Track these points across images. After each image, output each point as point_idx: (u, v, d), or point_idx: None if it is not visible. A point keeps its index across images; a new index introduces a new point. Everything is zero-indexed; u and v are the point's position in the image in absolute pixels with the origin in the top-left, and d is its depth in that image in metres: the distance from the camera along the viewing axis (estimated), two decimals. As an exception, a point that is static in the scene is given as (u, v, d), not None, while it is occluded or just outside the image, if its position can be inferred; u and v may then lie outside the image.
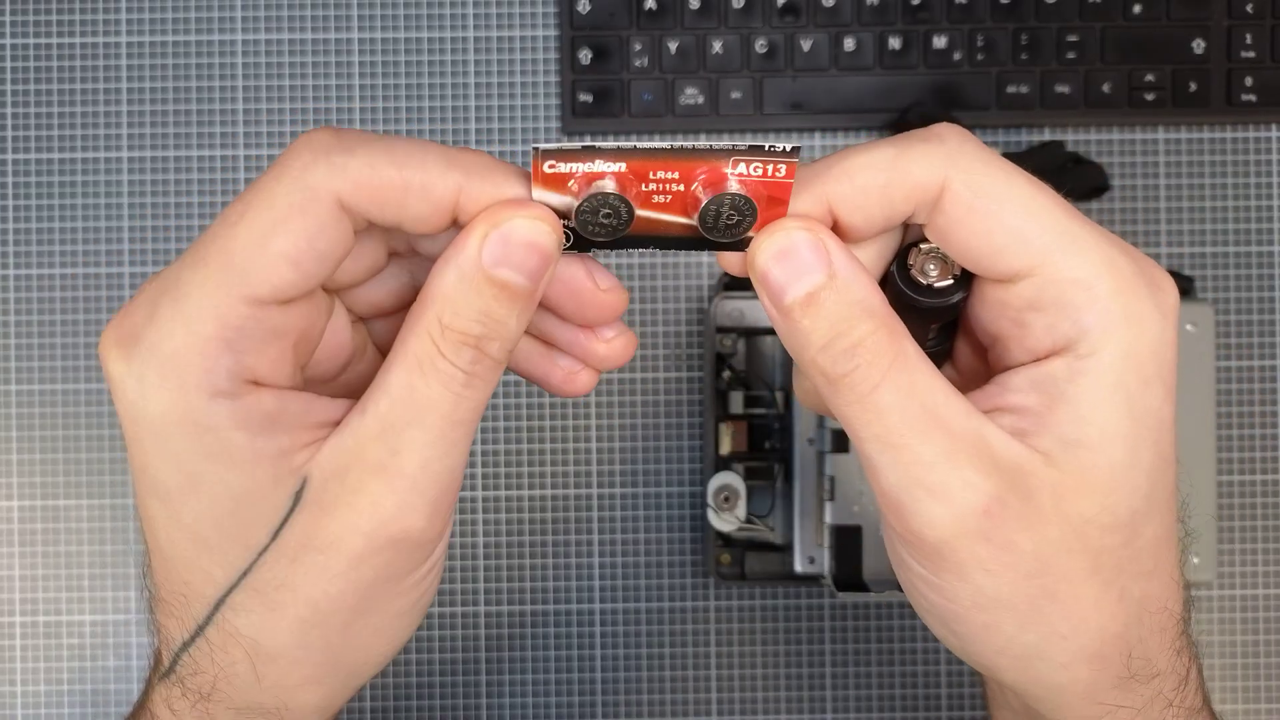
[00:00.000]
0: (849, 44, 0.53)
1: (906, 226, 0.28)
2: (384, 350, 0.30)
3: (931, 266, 0.27)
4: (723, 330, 0.50)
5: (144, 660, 0.53)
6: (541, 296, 0.26)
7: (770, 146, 0.25)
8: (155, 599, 0.28)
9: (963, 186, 0.25)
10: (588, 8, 0.53)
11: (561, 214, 0.25)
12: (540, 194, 0.25)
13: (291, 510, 0.25)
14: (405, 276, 0.29)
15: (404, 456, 0.25)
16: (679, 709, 0.53)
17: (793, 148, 0.24)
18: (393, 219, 0.25)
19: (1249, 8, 0.53)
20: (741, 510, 0.49)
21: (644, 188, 0.25)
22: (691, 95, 0.53)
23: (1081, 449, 0.25)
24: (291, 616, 0.26)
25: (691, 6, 0.53)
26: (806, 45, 0.53)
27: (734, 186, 0.25)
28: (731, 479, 0.49)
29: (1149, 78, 0.53)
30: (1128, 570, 0.27)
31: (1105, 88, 0.53)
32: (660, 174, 0.25)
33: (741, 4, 0.53)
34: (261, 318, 0.24)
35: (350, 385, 0.29)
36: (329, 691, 0.28)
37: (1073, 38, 0.53)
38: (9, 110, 0.53)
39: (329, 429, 0.26)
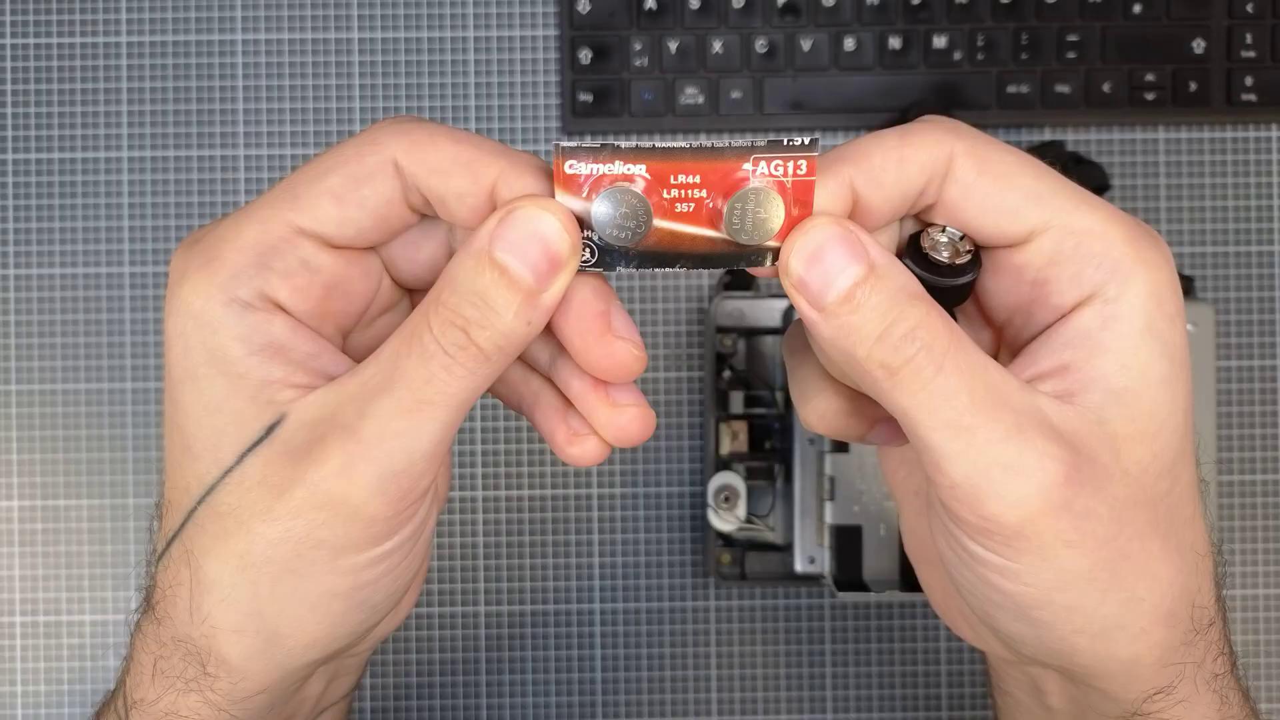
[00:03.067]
0: (849, 44, 0.53)
1: (900, 223, 0.28)
2: None
3: (943, 248, 0.27)
4: (723, 330, 0.50)
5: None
6: (552, 314, 0.26)
7: (789, 141, 0.25)
8: (157, 514, 0.28)
9: (969, 156, 0.26)
10: (588, 7, 0.53)
11: (587, 223, 0.25)
12: (562, 197, 0.25)
13: (260, 440, 0.25)
14: (443, 236, 0.30)
15: (367, 421, 0.25)
16: (679, 709, 0.53)
17: (811, 140, 0.25)
18: (438, 189, 0.26)
19: (1249, 7, 0.53)
20: (742, 510, 0.49)
21: (666, 195, 0.25)
22: (692, 95, 0.53)
23: (1128, 395, 0.26)
24: (232, 550, 0.26)
25: (691, 6, 0.53)
26: (807, 45, 0.53)
27: (757, 183, 0.25)
28: (732, 479, 0.49)
29: (1149, 77, 0.53)
30: (1177, 517, 0.27)
31: (1105, 87, 0.53)
32: (681, 178, 0.25)
33: (742, 4, 0.53)
34: (299, 245, 0.26)
35: (370, 346, 0.30)
36: (251, 650, 0.27)
37: (1073, 37, 0.53)
38: (9, 110, 0.53)
39: (324, 380, 0.26)
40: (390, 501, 0.26)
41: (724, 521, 0.49)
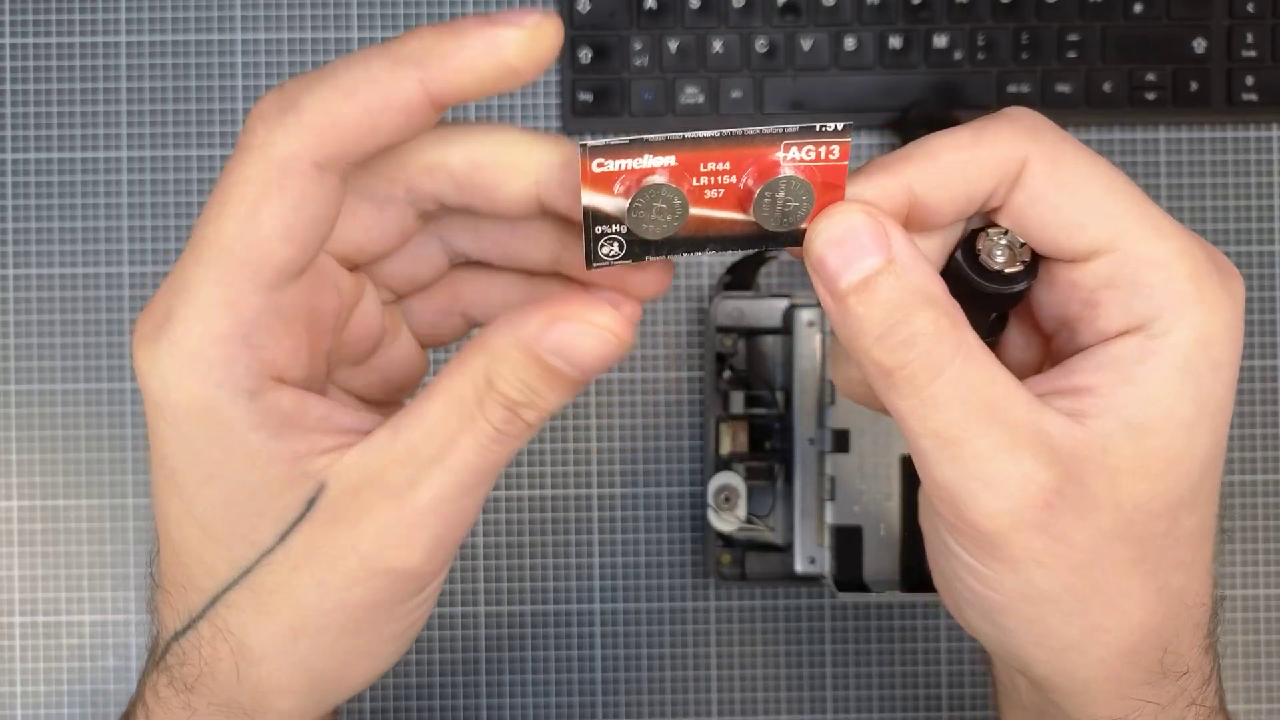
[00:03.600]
0: (849, 43, 0.53)
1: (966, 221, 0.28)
2: (419, 335, 0.30)
3: (999, 252, 0.26)
4: (723, 330, 0.50)
5: (144, 660, 0.53)
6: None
7: (821, 127, 0.24)
8: (157, 587, 0.28)
9: (1043, 161, 0.25)
10: (588, 7, 0.53)
11: (613, 217, 0.25)
12: (590, 196, 0.24)
13: (302, 516, 0.25)
14: (436, 244, 0.29)
15: (420, 491, 0.25)
16: (679, 709, 0.53)
17: (844, 126, 0.24)
18: (372, 148, 0.24)
19: (1250, 7, 0.53)
20: (742, 510, 0.49)
21: (695, 182, 0.24)
22: (692, 94, 0.53)
23: (1142, 431, 0.25)
24: (281, 623, 0.26)
25: (692, 6, 0.53)
26: (807, 44, 0.53)
27: (787, 172, 0.24)
28: (732, 479, 0.49)
29: (1150, 77, 0.53)
30: (1167, 560, 0.26)
31: (1106, 87, 0.53)
32: (711, 165, 0.24)
33: (742, 3, 0.53)
34: (271, 303, 0.24)
35: (382, 370, 0.29)
36: (306, 704, 0.27)
37: (1073, 37, 0.53)
38: (8, 110, 0.53)
39: (350, 437, 0.26)
40: (442, 558, 0.26)
41: (724, 522, 0.49)
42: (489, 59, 0.23)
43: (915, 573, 0.48)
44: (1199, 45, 0.53)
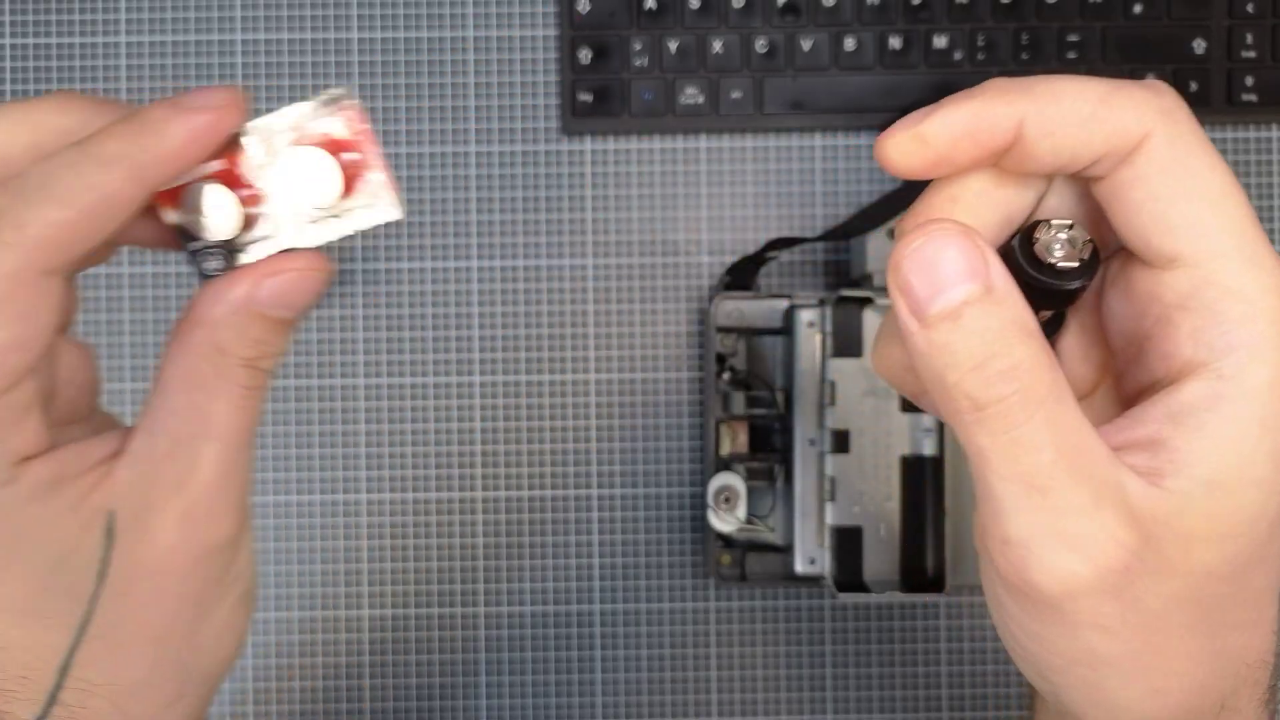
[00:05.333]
0: (849, 43, 0.53)
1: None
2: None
3: (1058, 246, 0.24)
4: (723, 330, 0.50)
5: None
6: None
7: (317, 106, 0.25)
8: None
9: (1165, 144, 0.23)
10: (588, 7, 0.53)
11: (189, 231, 0.26)
12: (168, 216, 0.26)
13: (109, 548, 0.26)
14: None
15: (201, 470, 0.26)
16: (679, 710, 0.53)
17: (339, 93, 0.24)
18: (95, 243, 0.25)
19: (1249, 7, 0.53)
20: (742, 511, 0.49)
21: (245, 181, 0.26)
22: (692, 95, 0.53)
23: (1218, 491, 0.23)
24: (139, 649, 0.26)
25: (692, 6, 0.53)
26: (807, 45, 0.53)
27: (197, 184, 0.25)
28: (732, 479, 0.49)
29: (1149, 77, 0.53)
30: (1229, 620, 0.25)
31: (1106, 87, 0.53)
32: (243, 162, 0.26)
33: (742, 3, 0.53)
34: (8, 403, 0.25)
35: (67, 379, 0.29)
36: (192, 702, 0.28)
37: (1073, 37, 0.53)
38: (8, 110, 0.53)
39: (109, 462, 0.26)
40: (246, 514, 0.28)
41: (724, 522, 0.49)
42: (189, 147, 0.25)
43: (915, 573, 0.48)
44: (1199, 45, 0.53)
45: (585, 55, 0.53)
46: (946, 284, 0.23)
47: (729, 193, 0.54)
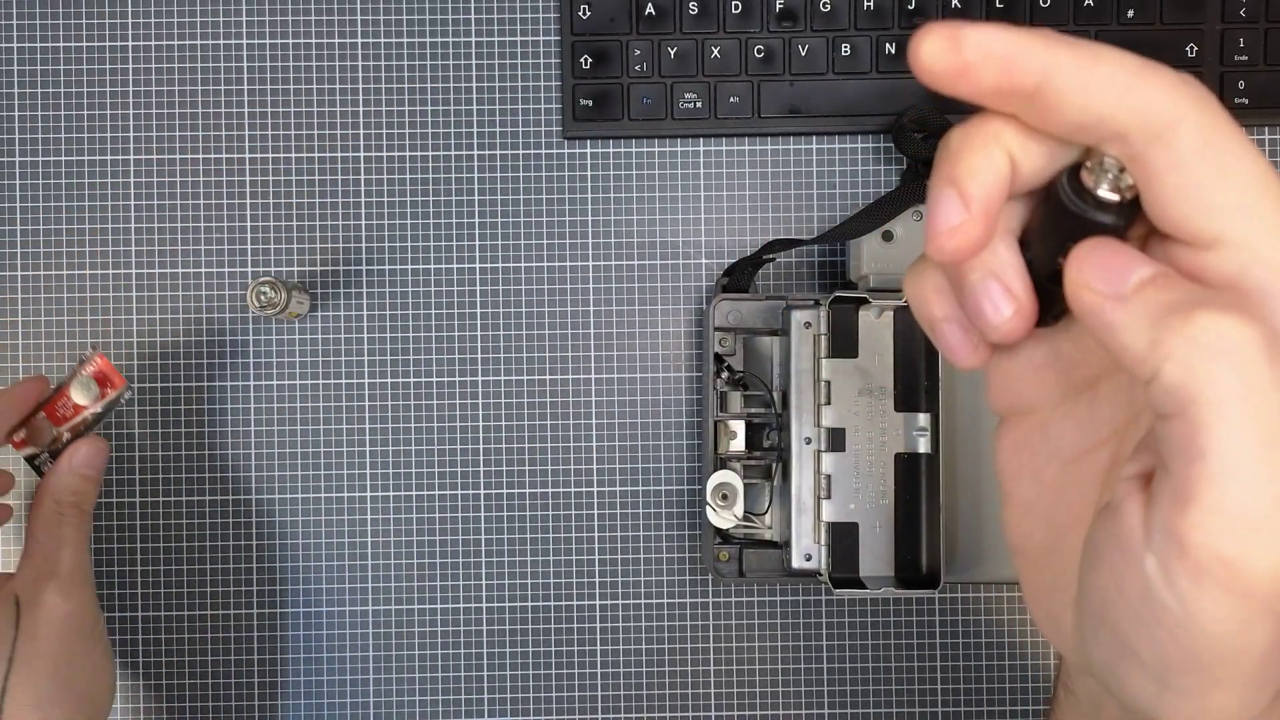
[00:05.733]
0: (846, 49, 0.54)
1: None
2: None
3: (1106, 180, 0.24)
4: (721, 330, 0.51)
5: (145, 657, 0.53)
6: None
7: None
8: None
9: (1200, 132, 0.23)
10: (588, 13, 0.53)
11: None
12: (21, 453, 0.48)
13: (19, 615, 0.44)
14: None
15: (64, 563, 0.46)
16: (678, 704, 0.54)
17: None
18: None
19: (1242, 11, 0.54)
20: (739, 508, 0.50)
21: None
22: (690, 99, 0.54)
23: None
24: (45, 676, 0.44)
25: (690, 11, 0.53)
26: (804, 50, 0.54)
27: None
28: (729, 477, 0.50)
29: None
30: None
31: (1099, 91, 0.53)
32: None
33: (739, 9, 0.53)
34: None
35: None
36: (89, 716, 0.46)
37: (1067, 42, 0.53)
38: (15, 114, 0.54)
39: (11, 575, 0.46)
40: (91, 586, 0.48)
41: (722, 519, 0.50)
42: None
43: (910, 569, 0.49)
44: (1191, 50, 0.54)
45: (585, 60, 0.54)
46: (1125, 273, 0.23)
47: (727, 196, 0.55)
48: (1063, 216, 0.24)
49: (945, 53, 0.23)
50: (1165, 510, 0.22)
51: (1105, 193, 0.24)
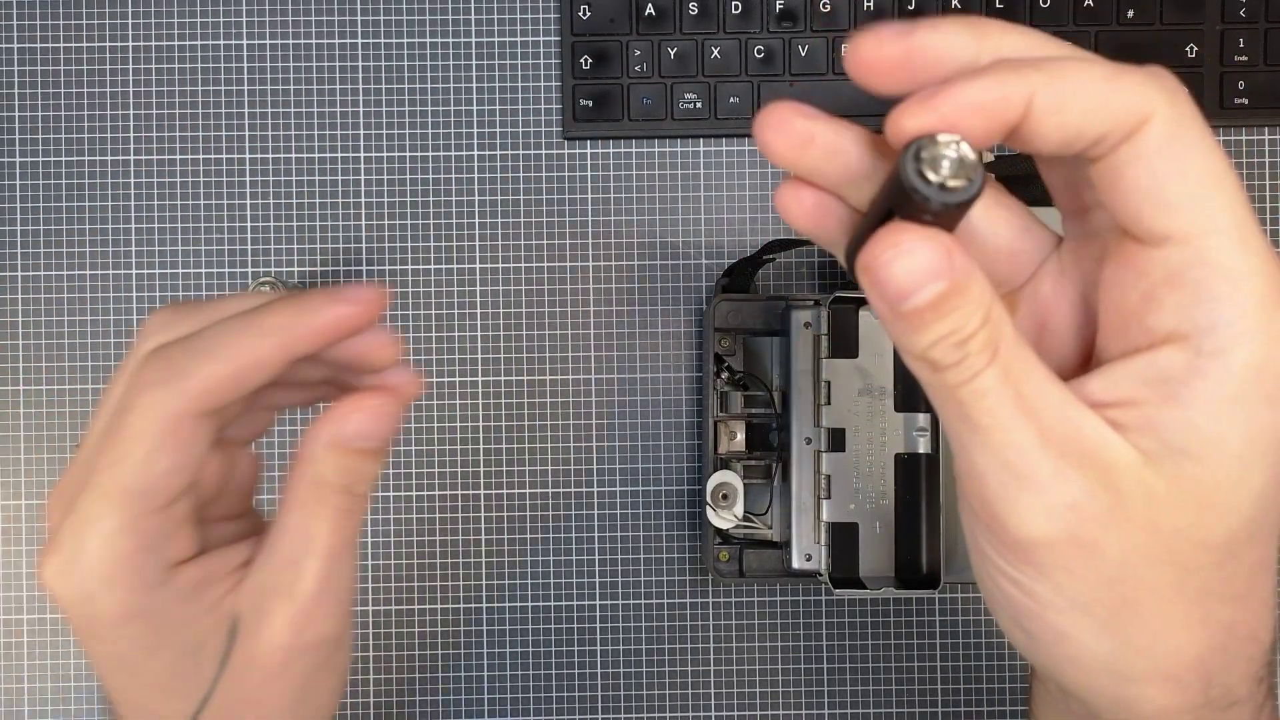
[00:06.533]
0: (846, 49, 0.53)
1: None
2: (238, 436, 0.35)
3: (946, 163, 0.23)
4: (721, 331, 0.51)
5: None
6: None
7: None
8: None
9: (1166, 124, 0.23)
10: (588, 13, 0.53)
11: None
12: None
13: (231, 642, 0.31)
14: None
15: (304, 582, 0.31)
16: (678, 704, 0.54)
17: None
18: (243, 393, 0.29)
19: (1242, 12, 0.54)
20: (739, 508, 0.50)
21: None
22: (690, 100, 0.54)
23: (1185, 459, 0.24)
24: (247, 715, 0.32)
25: (690, 12, 0.53)
26: (804, 50, 0.54)
27: None
28: (729, 477, 0.50)
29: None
30: (1216, 593, 0.25)
31: (1099, 92, 0.53)
32: None
33: (739, 10, 0.53)
34: (166, 517, 0.29)
35: (233, 491, 0.34)
36: None
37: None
38: (16, 114, 0.54)
39: (242, 570, 0.32)
40: (345, 615, 0.32)
41: (722, 519, 0.50)
42: (332, 329, 0.29)
43: (910, 569, 0.48)
44: (1191, 50, 0.54)
45: (586, 61, 0.54)
46: (916, 285, 0.23)
47: (727, 196, 0.55)
48: (905, 199, 0.24)
49: (923, 114, 0.24)
50: (958, 481, 0.26)
51: (951, 179, 0.23)
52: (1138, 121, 0.23)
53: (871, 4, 0.53)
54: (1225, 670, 0.26)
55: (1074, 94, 0.23)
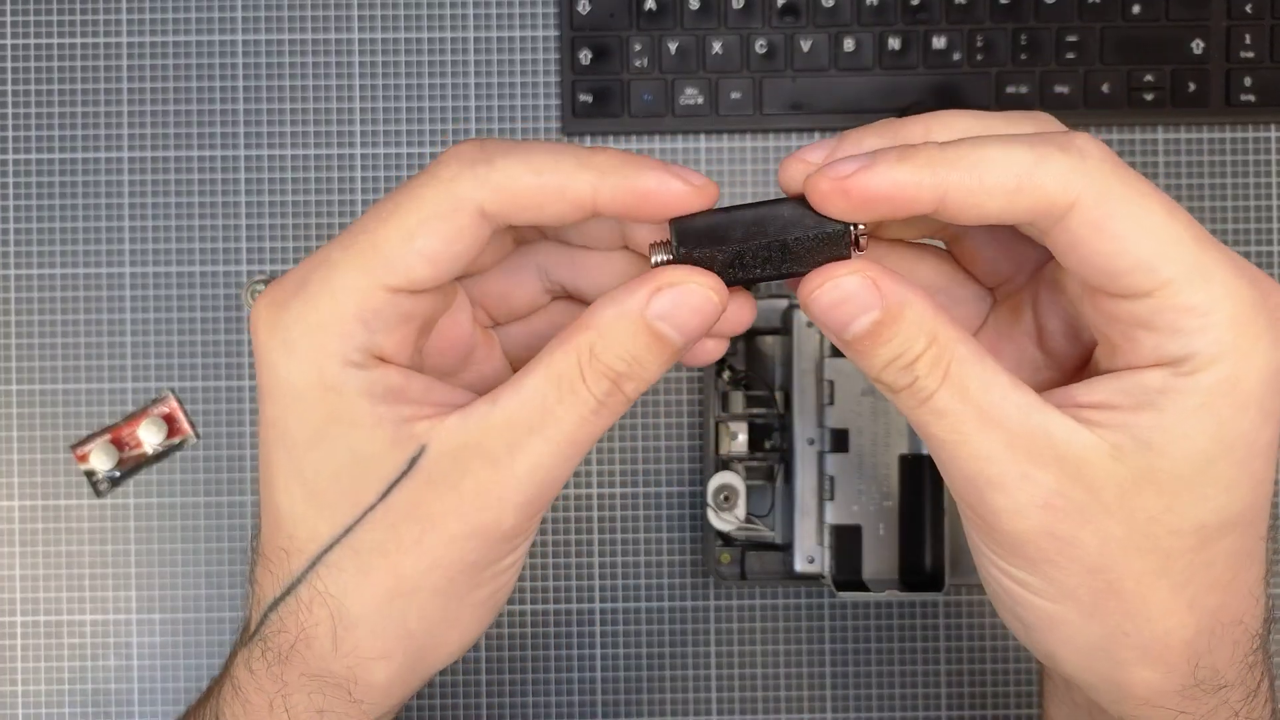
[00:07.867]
0: (848, 44, 0.53)
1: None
2: (514, 362, 0.32)
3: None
4: (722, 330, 0.50)
5: (144, 660, 0.53)
6: None
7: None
8: (258, 557, 0.29)
9: (1094, 206, 0.25)
10: (588, 8, 0.53)
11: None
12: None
13: (404, 474, 0.27)
14: (533, 275, 0.31)
15: (519, 458, 0.26)
16: (679, 708, 0.53)
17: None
18: (532, 220, 0.27)
19: (1248, 8, 0.53)
20: (741, 510, 0.49)
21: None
22: (691, 95, 0.53)
23: (1151, 451, 0.25)
24: (379, 583, 0.27)
25: (691, 7, 0.53)
26: (806, 46, 0.53)
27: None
28: (731, 479, 0.49)
29: (1148, 78, 0.53)
30: (1200, 578, 0.27)
31: (1104, 88, 0.53)
32: None
33: (741, 4, 0.53)
34: (396, 303, 0.26)
35: (474, 387, 0.30)
36: (399, 671, 0.28)
37: (1072, 38, 0.53)
38: (9, 110, 0.53)
39: (449, 408, 0.27)
40: (532, 521, 0.28)
41: (724, 521, 0.49)
42: (653, 196, 0.26)
43: (914, 572, 0.48)
44: (1197, 46, 0.53)
45: (585, 56, 0.53)
46: (853, 313, 0.26)
47: (728, 193, 0.54)
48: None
49: (837, 197, 0.25)
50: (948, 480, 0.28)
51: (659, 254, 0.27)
52: (1062, 208, 0.25)
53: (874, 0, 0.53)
54: (1211, 652, 0.27)
55: (991, 189, 0.25)
